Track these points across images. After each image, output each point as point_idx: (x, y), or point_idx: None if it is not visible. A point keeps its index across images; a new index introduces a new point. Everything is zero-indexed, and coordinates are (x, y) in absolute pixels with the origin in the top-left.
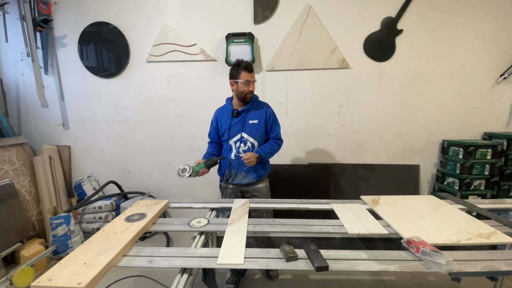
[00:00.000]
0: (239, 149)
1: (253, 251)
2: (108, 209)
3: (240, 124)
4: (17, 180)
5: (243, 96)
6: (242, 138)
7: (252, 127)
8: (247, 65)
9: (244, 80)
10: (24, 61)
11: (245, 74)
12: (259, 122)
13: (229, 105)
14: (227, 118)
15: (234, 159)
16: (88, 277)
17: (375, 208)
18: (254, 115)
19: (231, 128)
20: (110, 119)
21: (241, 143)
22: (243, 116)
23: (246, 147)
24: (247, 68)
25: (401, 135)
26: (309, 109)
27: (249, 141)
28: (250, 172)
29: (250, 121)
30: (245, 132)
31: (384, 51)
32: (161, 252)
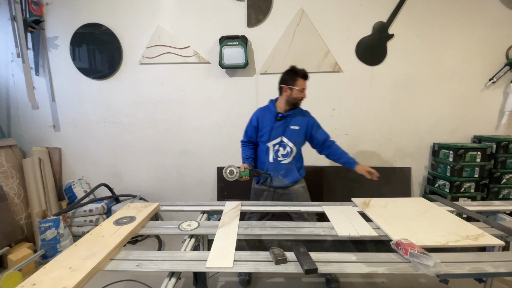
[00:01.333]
0: (277, 152)
1: (243, 254)
2: (99, 212)
3: (282, 128)
4: (5, 183)
5: (296, 102)
6: (282, 142)
7: (293, 133)
8: (305, 74)
9: (301, 87)
10: (15, 62)
11: (302, 82)
12: (300, 129)
13: (273, 107)
14: (269, 120)
15: (271, 162)
16: (73, 281)
17: (366, 211)
18: (297, 121)
19: (273, 131)
20: (102, 121)
21: (280, 147)
22: (286, 121)
23: (285, 152)
24: (305, 76)
25: (393, 138)
26: None
27: (289, 145)
28: (286, 177)
29: (292, 126)
30: (286, 137)
31: (376, 55)
32: (150, 255)
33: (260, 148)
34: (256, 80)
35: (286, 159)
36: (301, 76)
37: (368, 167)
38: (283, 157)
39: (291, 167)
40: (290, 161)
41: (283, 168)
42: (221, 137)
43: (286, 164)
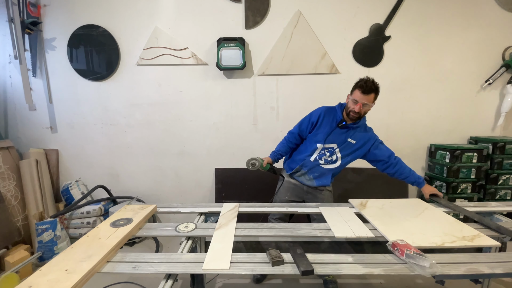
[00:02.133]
0: (322, 156)
1: (240, 256)
2: (96, 214)
3: (340, 136)
4: (2, 185)
5: (348, 112)
6: (332, 149)
7: (348, 145)
8: (364, 85)
9: (353, 98)
10: (12, 63)
11: (358, 93)
12: (356, 144)
13: (340, 112)
14: (331, 123)
15: (311, 161)
16: (69, 283)
17: (363, 212)
18: (356, 136)
19: (330, 135)
20: (100, 122)
21: (328, 152)
22: (347, 131)
23: (330, 159)
24: (362, 88)
25: (390, 139)
26: (300, 113)
27: (337, 155)
28: (317, 179)
29: (349, 139)
30: (339, 146)
31: (372, 57)
32: (146, 257)
33: (306, 143)
34: (254, 81)
35: (327, 164)
36: (359, 87)
37: (434, 190)
38: (326, 162)
39: (327, 174)
40: (330, 168)
41: (319, 171)
42: (219, 139)
43: (324, 169)
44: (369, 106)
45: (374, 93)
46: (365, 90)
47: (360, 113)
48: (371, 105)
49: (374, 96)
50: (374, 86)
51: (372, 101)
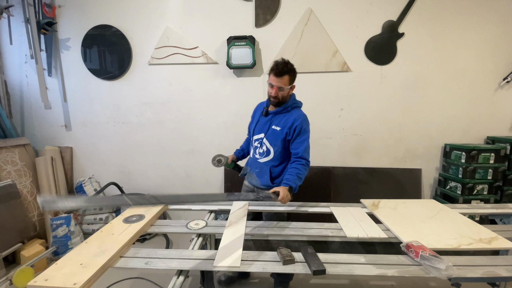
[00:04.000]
0: (256, 149)
1: (250, 254)
2: (108, 211)
3: (266, 125)
4: (19, 181)
5: (269, 98)
6: (261, 139)
7: (273, 133)
8: (275, 68)
9: (269, 82)
10: (28, 63)
11: (272, 76)
12: (280, 131)
13: (266, 102)
14: (259, 113)
15: (251, 157)
16: (83, 277)
17: (375, 212)
18: (280, 122)
19: (257, 125)
20: (112, 121)
21: (258, 144)
22: (271, 118)
23: (262, 150)
24: (273, 70)
25: (403, 139)
26: (310, 112)
27: (266, 145)
28: (259, 177)
29: (274, 126)
30: (265, 135)
31: (385, 55)
32: (158, 253)
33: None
34: (264, 80)
35: (262, 158)
36: (271, 70)
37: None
38: (260, 155)
39: (265, 169)
40: (266, 161)
41: (258, 165)
42: (228, 137)
43: (261, 163)
44: (286, 90)
45: (288, 75)
46: (276, 73)
47: (277, 97)
48: (288, 88)
49: (288, 78)
50: (287, 68)
51: (287, 83)
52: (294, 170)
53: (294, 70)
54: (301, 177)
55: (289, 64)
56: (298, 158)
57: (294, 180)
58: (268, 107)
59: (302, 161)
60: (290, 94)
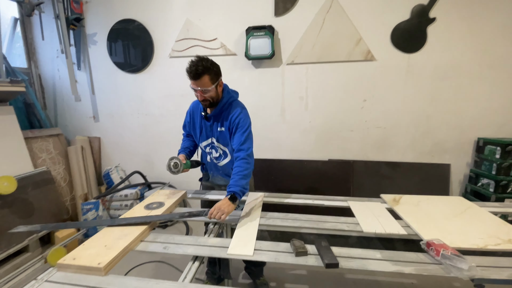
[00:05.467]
0: (210, 154)
1: (264, 244)
2: (133, 198)
3: (211, 129)
4: (53, 168)
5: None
6: (212, 144)
7: (221, 135)
8: (190, 71)
9: (191, 87)
10: (60, 57)
11: (190, 80)
12: (226, 131)
13: None
14: (200, 117)
15: (209, 162)
16: (107, 258)
17: (395, 208)
18: (222, 121)
19: (202, 132)
20: (136, 112)
21: (211, 149)
22: (212, 122)
23: (218, 154)
24: (190, 74)
25: (430, 132)
26: (330, 103)
27: (220, 148)
28: (226, 176)
29: (219, 128)
30: (215, 139)
31: (413, 42)
32: (176, 239)
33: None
34: (282, 71)
35: (222, 161)
36: (188, 73)
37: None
38: (217, 159)
39: (230, 170)
40: (226, 163)
41: (220, 169)
42: None
43: (222, 166)
44: (212, 90)
45: (207, 74)
46: (192, 76)
47: (206, 99)
48: (214, 88)
49: (209, 78)
50: (201, 68)
51: (209, 83)
52: (235, 170)
53: (212, 67)
54: (245, 174)
55: (204, 62)
56: (237, 154)
57: (237, 182)
58: (206, 110)
59: (240, 155)
60: (220, 90)
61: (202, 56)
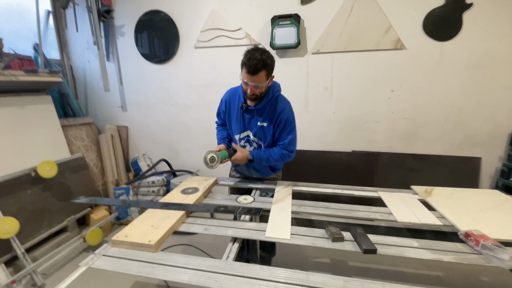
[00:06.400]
0: (244, 148)
1: (299, 229)
2: (159, 184)
3: (249, 122)
4: (86, 155)
5: (245, 94)
6: (248, 138)
7: (261, 130)
8: (247, 64)
9: (242, 79)
10: (90, 49)
11: (245, 73)
12: (268, 126)
13: (241, 94)
14: (237, 108)
15: None
16: (156, 236)
17: (428, 199)
18: (266, 116)
19: (239, 123)
20: (161, 102)
21: (246, 143)
22: (254, 114)
23: (252, 148)
24: (246, 66)
25: (461, 124)
26: (356, 94)
27: (255, 142)
28: (258, 171)
29: (259, 122)
30: (252, 133)
31: (447, 29)
32: (214, 222)
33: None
34: (307, 60)
35: None
36: (244, 65)
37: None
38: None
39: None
40: None
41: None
42: None
43: None
44: (264, 86)
45: (264, 70)
46: (249, 70)
47: (255, 94)
48: (266, 84)
49: (265, 74)
50: (262, 63)
51: (263, 80)
52: (271, 151)
53: (271, 62)
54: (270, 161)
55: (265, 56)
56: (283, 148)
57: (261, 158)
58: (246, 102)
59: (284, 151)
60: (269, 85)
61: (261, 48)
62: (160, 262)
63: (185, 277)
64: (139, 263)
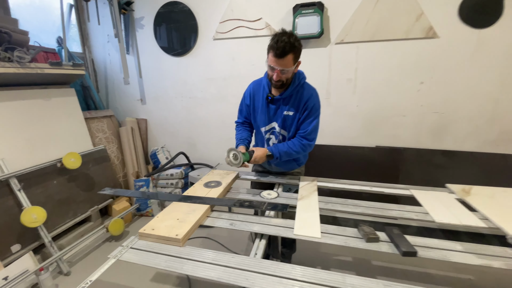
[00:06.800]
0: (268, 141)
1: (329, 228)
2: (178, 177)
3: (275, 113)
4: (108, 147)
5: (270, 81)
6: (273, 130)
7: (287, 120)
8: (275, 46)
9: (268, 64)
10: (110, 42)
11: (271, 57)
12: (294, 115)
13: (266, 84)
14: (262, 99)
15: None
16: (183, 230)
17: (467, 199)
18: (293, 105)
19: (263, 115)
20: (180, 96)
21: (271, 135)
22: (280, 104)
23: (277, 140)
24: (273, 49)
25: (498, 118)
26: (382, 86)
27: (281, 134)
28: (280, 166)
29: (285, 111)
30: (278, 124)
31: (486, 15)
32: (239, 217)
33: (255, 131)
34: (330, 51)
35: None
36: (270, 48)
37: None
38: None
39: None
40: None
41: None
42: None
43: None
44: (291, 71)
45: (292, 53)
46: (277, 53)
47: (281, 80)
48: (293, 69)
49: (292, 57)
50: (289, 46)
51: (291, 63)
52: (290, 144)
53: (299, 46)
54: (291, 154)
55: (292, 39)
56: (302, 138)
57: (280, 151)
58: (271, 92)
59: (304, 141)
60: (295, 72)
61: (288, 31)
62: (188, 257)
63: (214, 273)
64: (167, 257)
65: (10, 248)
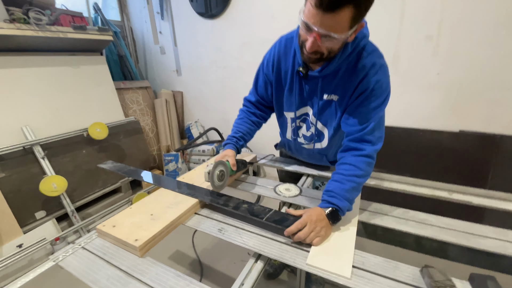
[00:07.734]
0: (298, 129)
1: (369, 260)
2: (209, 154)
3: (309, 92)
4: (142, 119)
5: (301, 49)
6: (306, 117)
7: (325, 106)
8: None
9: (303, 21)
10: (145, 8)
11: (310, 8)
12: (340, 100)
13: (298, 51)
14: (290, 73)
15: (290, 140)
16: (147, 234)
17: None
18: (338, 85)
19: (293, 96)
20: (214, 65)
21: (302, 123)
22: (317, 83)
23: (309, 133)
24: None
25: None
26: (478, 46)
27: (316, 126)
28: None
29: (327, 94)
30: (313, 111)
31: None
32: (234, 221)
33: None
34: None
35: (309, 144)
36: None
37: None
38: (306, 140)
39: (319, 157)
40: (320, 150)
41: (305, 153)
42: None
43: (309, 150)
44: (340, 40)
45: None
46: (323, 5)
47: (318, 52)
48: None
49: (350, 16)
50: None
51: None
52: (348, 170)
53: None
54: (361, 182)
55: None
56: (357, 145)
57: (345, 194)
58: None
59: (364, 148)
60: (352, 39)
61: None
62: (140, 276)
63: None
64: (115, 271)
65: (35, 214)
